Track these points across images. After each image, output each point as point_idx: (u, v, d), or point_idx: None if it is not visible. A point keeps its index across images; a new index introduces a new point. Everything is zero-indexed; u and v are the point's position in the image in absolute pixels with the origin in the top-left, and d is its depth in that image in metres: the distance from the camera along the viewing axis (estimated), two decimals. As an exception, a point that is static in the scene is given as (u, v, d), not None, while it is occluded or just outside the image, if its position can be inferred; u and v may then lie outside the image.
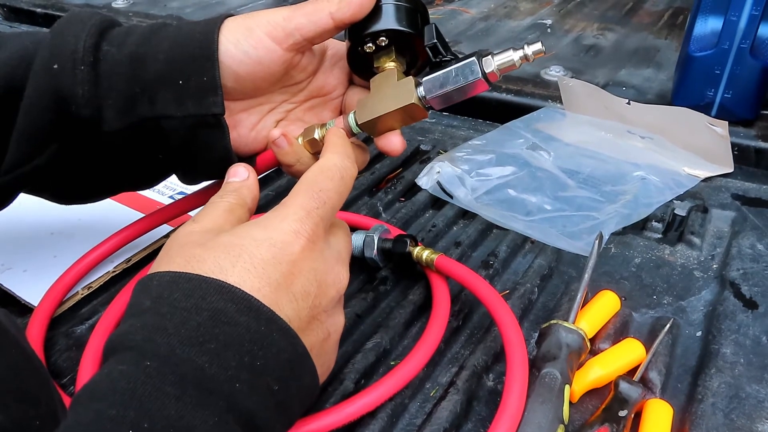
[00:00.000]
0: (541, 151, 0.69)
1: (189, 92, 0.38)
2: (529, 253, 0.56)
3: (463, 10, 1.14)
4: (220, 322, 0.29)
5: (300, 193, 0.35)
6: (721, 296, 0.50)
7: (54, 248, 0.55)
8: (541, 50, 0.37)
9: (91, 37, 0.39)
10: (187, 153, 0.42)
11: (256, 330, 0.29)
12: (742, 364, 0.44)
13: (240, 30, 0.39)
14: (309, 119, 0.45)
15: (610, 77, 0.85)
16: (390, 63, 0.41)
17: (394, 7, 0.39)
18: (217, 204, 0.37)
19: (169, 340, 0.28)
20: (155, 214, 0.52)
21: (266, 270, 0.31)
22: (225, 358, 0.28)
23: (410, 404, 0.42)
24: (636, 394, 0.40)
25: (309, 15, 0.39)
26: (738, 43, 0.67)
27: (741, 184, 0.65)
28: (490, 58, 0.38)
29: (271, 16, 0.39)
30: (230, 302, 0.29)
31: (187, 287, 0.30)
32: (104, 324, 0.46)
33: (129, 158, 0.42)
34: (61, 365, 0.45)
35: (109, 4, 1.19)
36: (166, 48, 0.39)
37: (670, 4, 1.14)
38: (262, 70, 0.40)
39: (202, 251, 0.32)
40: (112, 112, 0.39)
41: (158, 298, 0.30)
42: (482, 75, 0.38)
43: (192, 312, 0.29)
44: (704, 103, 0.70)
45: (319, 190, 0.35)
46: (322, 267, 0.34)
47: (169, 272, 0.31)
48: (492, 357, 0.45)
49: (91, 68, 0.38)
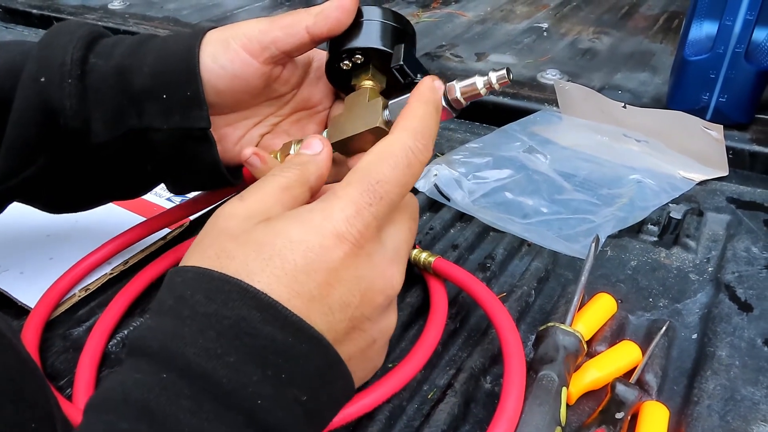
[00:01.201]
0: (538, 154, 0.69)
1: (174, 106, 0.38)
2: (525, 256, 0.56)
3: (460, 14, 1.14)
4: (242, 333, 0.26)
5: (353, 183, 0.30)
6: (717, 299, 0.50)
7: (50, 250, 0.55)
8: (506, 78, 0.34)
9: (79, 50, 0.38)
10: (176, 164, 0.42)
11: (282, 341, 0.26)
12: (737, 367, 0.44)
13: (217, 44, 0.38)
14: (294, 133, 0.44)
15: (606, 81, 0.86)
16: (367, 81, 0.40)
17: (374, 25, 0.38)
18: (273, 179, 0.32)
19: (186, 351, 0.26)
20: (153, 220, 0.52)
21: (298, 279, 0.27)
22: (245, 372, 0.26)
23: (408, 406, 0.42)
24: (633, 397, 0.40)
25: (285, 28, 0.38)
26: (733, 47, 0.67)
27: (736, 187, 0.66)
28: (455, 84, 0.35)
29: (247, 29, 0.38)
30: (254, 310, 0.27)
31: (209, 288, 0.27)
32: (101, 327, 0.46)
33: (118, 169, 0.42)
34: (58, 367, 0.45)
35: (105, 5, 1.19)
36: (151, 61, 0.38)
37: (665, 8, 1.15)
38: (241, 83, 0.39)
39: (234, 246, 0.28)
40: (100, 125, 0.39)
41: (180, 299, 0.28)
42: (445, 102, 0.36)
43: (212, 319, 0.26)
44: (699, 107, 0.71)
45: (377, 182, 0.29)
46: (368, 274, 0.29)
47: (194, 268, 0.28)
48: (489, 359, 0.45)
49: (78, 81, 0.38)
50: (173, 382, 0.25)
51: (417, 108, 0.33)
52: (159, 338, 0.27)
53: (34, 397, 0.29)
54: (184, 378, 0.25)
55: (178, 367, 0.26)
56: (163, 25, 1.08)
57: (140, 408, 0.25)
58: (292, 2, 1.23)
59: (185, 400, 0.25)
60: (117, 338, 0.47)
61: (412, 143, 0.31)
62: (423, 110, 0.32)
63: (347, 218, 0.29)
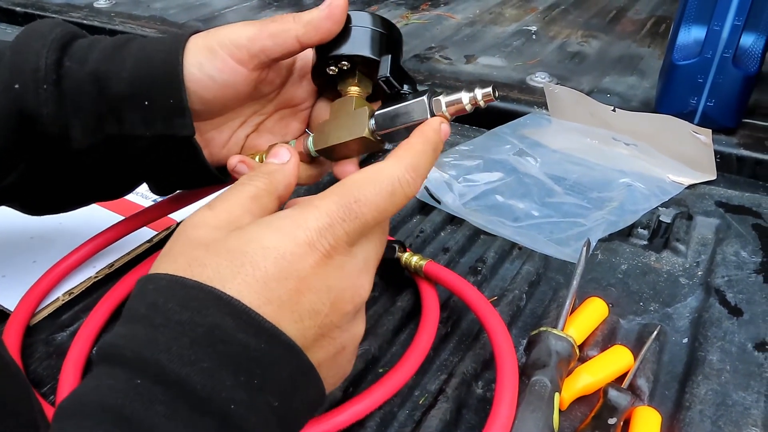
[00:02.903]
0: (528, 157, 0.69)
1: (156, 113, 0.37)
2: (516, 260, 0.56)
3: (449, 16, 1.14)
4: (216, 340, 0.26)
5: (332, 196, 0.30)
6: (707, 303, 0.50)
7: (34, 253, 0.54)
8: (491, 95, 0.34)
9: (53, 53, 0.37)
10: (161, 168, 0.41)
11: (255, 347, 0.27)
12: (728, 371, 0.44)
13: (203, 52, 0.37)
14: (279, 130, 0.44)
15: (595, 84, 0.86)
16: (353, 87, 0.39)
17: (361, 31, 0.38)
18: (241, 189, 0.32)
19: (159, 357, 0.26)
20: (135, 218, 0.51)
21: (268, 285, 0.28)
22: (219, 378, 0.26)
23: (399, 412, 0.42)
24: (625, 402, 0.40)
25: (275, 37, 0.37)
26: (721, 52, 0.68)
27: (724, 191, 0.66)
28: (441, 99, 0.35)
29: (234, 36, 0.37)
30: (228, 316, 0.27)
31: (183, 296, 0.27)
32: (85, 332, 0.45)
33: (100, 172, 0.41)
34: (41, 373, 0.44)
35: (91, 4, 1.18)
36: (129, 67, 0.37)
37: (652, 12, 1.16)
38: (229, 92, 0.38)
39: (204, 254, 0.28)
40: (79, 131, 0.38)
41: (153, 306, 0.28)
42: (431, 115, 0.35)
43: (186, 326, 0.27)
44: (687, 111, 0.71)
45: (355, 201, 0.30)
46: (338, 284, 0.30)
47: (168, 276, 0.29)
48: (481, 364, 0.45)
49: (54, 87, 0.37)
50: (147, 388, 0.25)
51: (416, 143, 0.33)
52: (132, 347, 0.27)
53: (17, 405, 0.29)
54: (158, 384, 0.25)
55: (152, 373, 0.26)
56: (149, 24, 1.07)
57: (116, 414, 0.25)
58: (280, 2, 1.22)
59: (160, 405, 0.25)
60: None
61: (401, 174, 0.31)
62: (421, 147, 0.33)
63: (319, 228, 0.29)
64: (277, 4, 1.21)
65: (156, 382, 0.25)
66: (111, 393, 0.25)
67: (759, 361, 0.45)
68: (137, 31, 1.04)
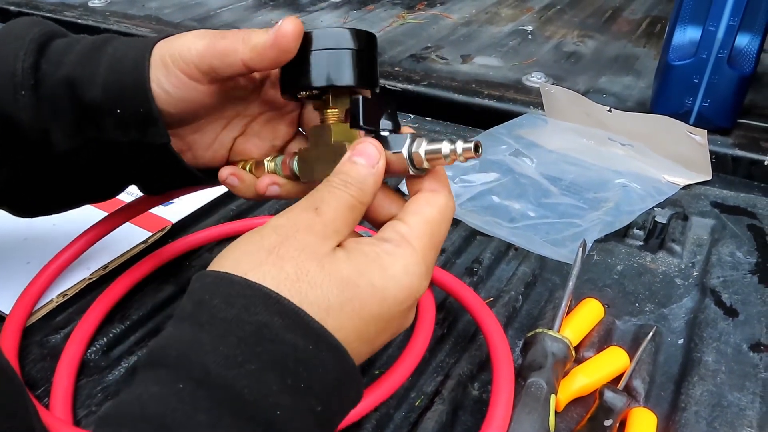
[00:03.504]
0: (524, 157, 0.69)
1: (130, 121, 0.37)
2: (513, 260, 0.56)
3: (445, 15, 1.14)
4: (264, 339, 0.26)
5: (425, 236, 0.31)
6: (702, 304, 0.50)
7: (27, 254, 0.53)
8: (470, 150, 0.31)
9: (30, 56, 0.36)
10: (145, 171, 0.41)
11: (303, 348, 0.26)
12: (723, 372, 0.44)
13: (159, 67, 0.36)
14: (267, 134, 0.42)
15: (591, 84, 0.86)
16: (329, 111, 0.36)
17: (323, 57, 0.34)
18: (339, 196, 0.31)
19: (205, 359, 0.25)
20: (126, 210, 0.50)
21: (368, 324, 0.29)
22: (266, 381, 0.25)
23: (395, 414, 0.41)
24: (621, 403, 0.40)
25: (223, 57, 0.35)
26: (716, 52, 0.68)
27: (719, 191, 0.66)
28: (420, 152, 0.32)
29: (185, 51, 0.36)
30: (277, 315, 0.26)
31: (229, 292, 0.27)
32: (79, 334, 0.45)
33: (85, 174, 0.41)
34: (35, 376, 0.44)
35: (85, 3, 1.17)
36: (102, 73, 0.36)
37: (647, 12, 1.16)
38: (190, 104, 0.37)
39: (317, 271, 0.28)
40: (59, 136, 0.37)
41: (199, 303, 0.27)
42: (411, 166, 0.33)
43: (233, 325, 0.26)
44: (683, 112, 0.71)
45: (439, 240, 0.32)
46: (404, 321, 0.32)
47: (214, 272, 0.28)
48: (477, 366, 0.45)
49: (32, 92, 0.36)
50: (191, 393, 0.25)
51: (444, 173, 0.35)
52: (177, 346, 0.26)
53: (13, 407, 0.28)
54: (202, 388, 0.25)
55: (196, 377, 0.25)
56: (144, 24, 1.07)
57: (157, 424, 0.24)
58: (276, 1, 1.22)
59: (203, 414, 0.24)
60: (96, 346, 0.46)
61: (453, 205, 0.34)
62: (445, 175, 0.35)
63: (421, 274, 0.30)
64: (272, 3, 1.21)
65: (200, 386, 0.25)
66: (152, 401, 0.25)
67: (754, 362, 0.45)
68: (132, 31, 1.03)
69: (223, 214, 0.61)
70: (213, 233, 0.56)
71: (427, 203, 0.32)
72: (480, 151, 0.31)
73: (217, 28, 1.06)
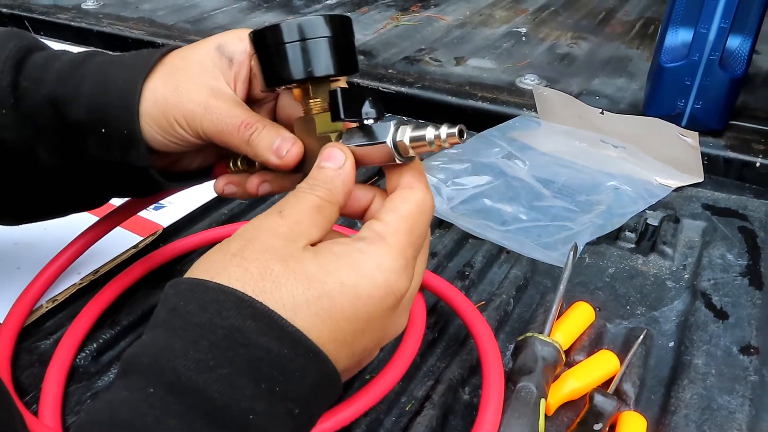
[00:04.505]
0: (517, 160, 0.69)
1: (113, 141, 0.37)
2: (504, 264, 0.56)
3: (439, 17, 1.14)
4: (236, 343, 0.25)
5: (401, 233, 0.30)
6: (693, 306, 0.50)
7: (17, 259, 0.53)
8: (455, 136, 0.30)
9: (7, 74, 0.36)
10: (128, 188, 0.41)
11: (277, 353, 0.26)
12: (713, 375, 0.44)
13: (158, 117, 0.36)
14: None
15: (584, 86, 0.86)
16: (311, 102, 0.36)
17: (296, 49, 0.34)
18: (305, 198, 0.31)
19: (176, 364, 0.25)
20: (118, 213, 0.50)
21: (339, 324, 0.28)
22: (239, 386, 0.25)
23: (385, 419, 0.41)
24: (611, 407, 0.40)
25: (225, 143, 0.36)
26: (708, 54, 0.68)
27: (711, 193, 0.66)
28: (408, 129, 0.32)
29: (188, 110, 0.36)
30: (249, 319, 0.26)
31: (203, 298, 0.27)
32: (69, 339, 0.45)
33: (72, 186, 0.41)
34: (24, 382, 0.44)
35: (78, 5, 1.17)
36: (86, 92, 0.36)
37: (641, 14, 1.16)
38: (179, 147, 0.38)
39: (282, 271, 0.28)
40: (45, 153, 0.37)
41: (173, 310, 0.27)
42: (396, 154, 0.32)
43: (206, 329, 0.26)
44: (675, 113, 0.72)
45: (418, 236, 0.31)
46: (393, 324, 0.31)
47: (189, 279, 0.28)
48: (468, 370, 0.45)
49: (13, 110, 0.36)
50: (161, 398, 0.25)
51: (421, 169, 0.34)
52: (149, 353, 0.26)
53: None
54: (173, 393, 0.25)
55: (167, 381, 0.25)
56: (137, 26, 1.06)
57: (127, 429, 0.24)
58: (270, 3, 1.22)
59: (173, 418, 0.24)
60: (86, 351, 0.46)
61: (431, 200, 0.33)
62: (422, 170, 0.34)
63: (397, 271, 0.29)
64: (266, 5, 1.21)
65: (171, 391, 0.25)
66: (123, 407, 0.25)
67: (744, 365, 0.45)
68: (125, 33, 1.03)
69: (214, 218, 0.61)
70: (204, 237, 0.56)
71: (403, 200, 0.32)
72: (465, 136, 0.31)
73: (211, 30, 1.06)
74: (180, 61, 0.37)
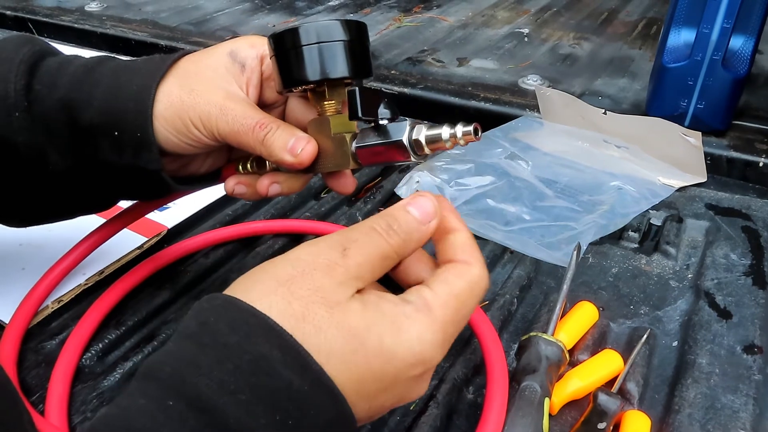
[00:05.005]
0: (520, 160, 0.69)
1: (125, 144, 0.37)
2: (508, 264, 0.56)
3: (441, 18, 1.14)
4: (260, 371, 0.26)
5: (449, 309, 0.30)
6: (696, 306, 0.50)
7: (22, 260, 0.54)
8: (470, 134, 0.31)
9: (22, 78, 0.37)
10: (139, 190, 0.42)
11: (298, 388, 0.26)
12: (717, 375, 0.44)
13: (173, 119, 0.37)
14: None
15: (587, 87, 0.86)
16: (326, 103, 0.37)
17: (314, 51, 0.35)
18: (377, 242, 0.30)
19: (198, 381, 0.25)
20: (125, 216, 0.50)
21: (365, 383, 0.28)
22: (254, 413, 0.25)
23: (389, 419, 0.42)
24: (614, 406, 0.40)
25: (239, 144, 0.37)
26: (710, 54, 0.68)
27: (714, 193, 0.66)
28: (421, 139, 0.33)
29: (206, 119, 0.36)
30: (276, 349, 0.26)
31: (234, 318, 0.27)
32: (75, 340, 0.45)
33: (82, 189, 0.41)
34: (29, 382, 0.44)
35: (82, 7, 1.17)
36: (100, 96, 0.37)
37: (643, 14, 1.16)
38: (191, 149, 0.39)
39: (326, 317, 0.27)
40: (56, 156, 0.38)
41: (204, 324, 0.27)
42: (412, 153, 0.33)
43: (233, 351, 0.26)
44: (678, 114, 0.72)
45: (463, 316, 0.31)
46: (413, 389, 0.31)
47: (224, 296, 0.28)
48: (472, 369, 0.45)
49: (26, 113, 0.37)
50: (180, 412, 0.25)
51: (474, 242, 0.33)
52: (174, 363, 0.26)
53: (6, 415, 0.28)
54: (190, 409, 0.25)
55: (187, 396, 0.25)
56: (140, 28, 1.07)
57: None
58: (272, 5, 1.22)
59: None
60: (91, 352, 0.46)
61: (487, 278, 0.32)
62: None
63: (435, 345, 0.29)
64: (269, 7, 1.21)
65: (189, 407, 0.25)
66: (140, 415, 0.25)
67: (748, 364, 0.45)
68: (128, 35, 1.04)
69: (219, 219, 0.61)
70: (209, 238, 0.56)
71: (458, 275, 0.31)
72: (480, 134, 0.32)
73: (213, 32, 1.07)
74: (193, 66, 0.38)
